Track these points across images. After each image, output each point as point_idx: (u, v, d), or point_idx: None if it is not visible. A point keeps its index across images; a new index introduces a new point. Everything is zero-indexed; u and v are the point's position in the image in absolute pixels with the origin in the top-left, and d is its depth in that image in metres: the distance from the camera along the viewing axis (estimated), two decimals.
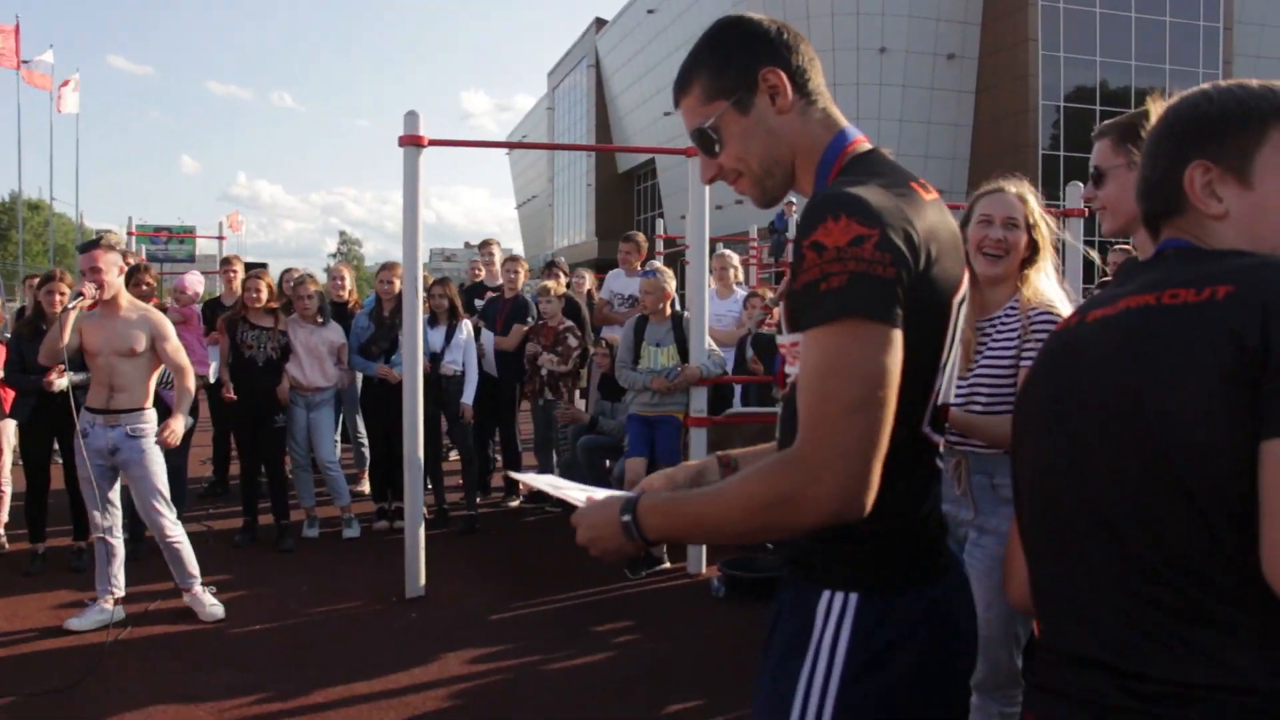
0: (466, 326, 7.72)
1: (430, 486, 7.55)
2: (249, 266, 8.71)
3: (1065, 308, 3.10)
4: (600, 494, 1.83)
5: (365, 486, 8.50)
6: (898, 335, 1.47)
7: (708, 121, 1.75)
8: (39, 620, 5.51)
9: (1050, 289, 3.15)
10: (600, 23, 54.58)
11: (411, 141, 5.91)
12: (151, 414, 5.54)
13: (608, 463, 7.59)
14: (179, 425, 5.54)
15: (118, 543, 5.58)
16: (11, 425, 7.02)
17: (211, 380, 7.46)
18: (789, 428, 1.72)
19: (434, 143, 6.08)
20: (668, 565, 6.60)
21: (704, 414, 6.49)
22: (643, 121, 48.23)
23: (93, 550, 5.68)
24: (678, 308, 7.08)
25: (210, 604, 5.67)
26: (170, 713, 4.40)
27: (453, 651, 5.12)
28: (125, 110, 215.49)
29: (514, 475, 2.22)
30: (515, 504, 8.47)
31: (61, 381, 5.95)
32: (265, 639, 5.36)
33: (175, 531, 5.61)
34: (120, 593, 5.55)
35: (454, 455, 8.91)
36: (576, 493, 1.89)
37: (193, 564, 5.69)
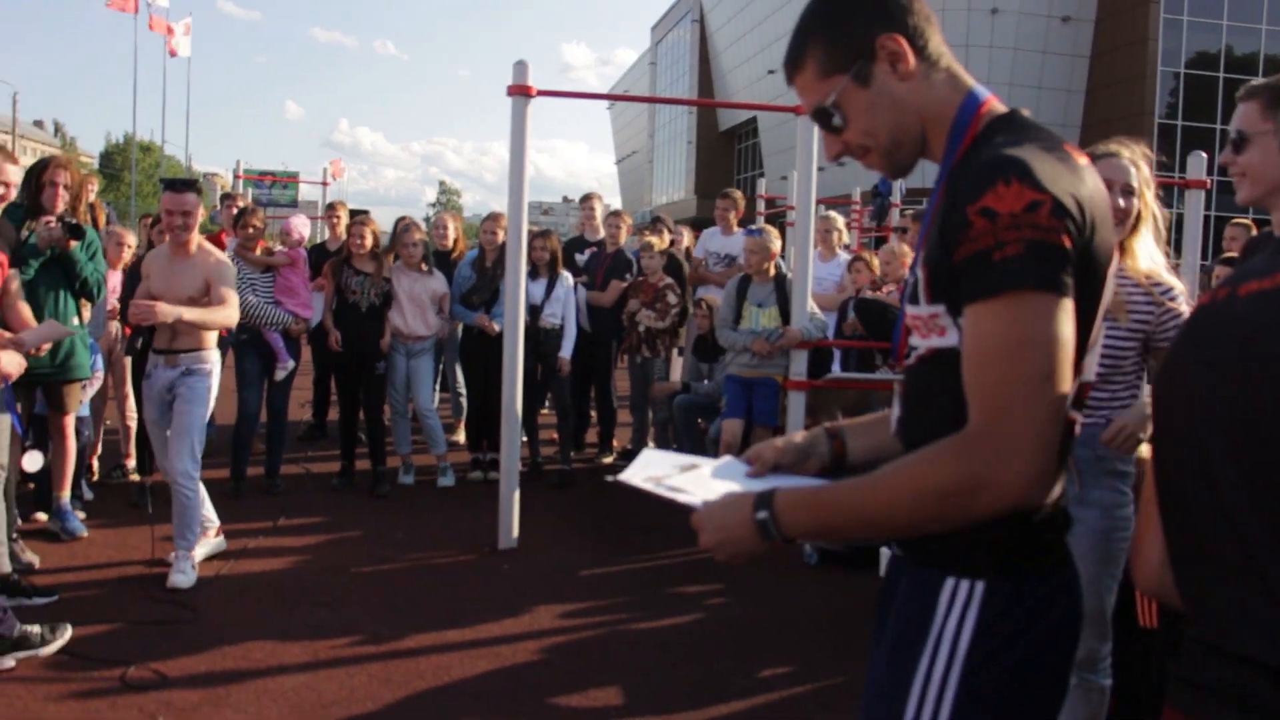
0: (567, 280, 7.70)
1: (526, 439, 7.58)
2: (353, 213, 8.80)
3: (1170, 279, 3.03)
4: (717, 489, 1.71)
5: (461, 436, 8.58)
6: (1071, 307, 1.40)
7: (827, 99, 1.64)
8: (143, 551, 5.63)
9: (1154, 259, 3.06)
10: None
11: (520, 91, 5.87)
12: (211, 354, 5.48)
13: (701, 422, 7.54)
14: (163, 308, 5.18)
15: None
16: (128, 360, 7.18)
17: (314, 324, 7.54)
18: (917, 402, 1.64)
19: (542, 93, 6.04)
20: None
21: (803, 377, 6.40)
22: (745, 79, 47.77)
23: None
24: (782, 269, 6.97)
25: (177, 572, 5.23)
26: (266, 649, 4.49)
27: (543, 605, 5.14)
28: (233, 55, 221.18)
29: (612, 479, 1.91)
30: (609, 460, 8.47)
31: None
32: (359, 582, 5.43)
33: (191, 482, 5.36)
34: (214, 525, 5.65)
35: (550, 409, 8.94)
36: (692, 491, 1.73)
37: (195, 525, 5.39)
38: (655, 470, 1.87)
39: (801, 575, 5.83)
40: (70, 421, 5.92)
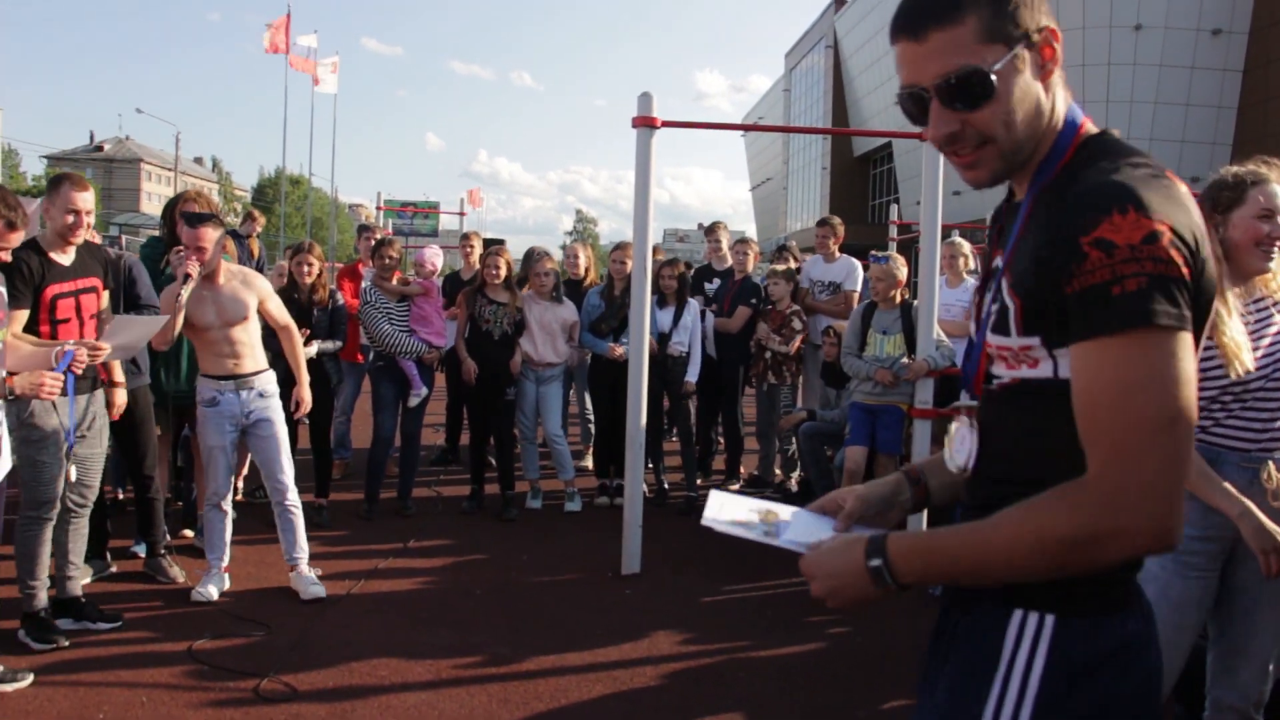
0: (694, 308, 7.74)
1: (651, 465, 7.63)
2: (487, 242, 9.01)
3: None
4: (821, 533, 1.70)
5: (589, 462, 8.67)
6: (1192, 342, 1.34)
7: (988, 63, 1.44)
8: (279, 568, 5.84)
9: None
10: (839, 3, 53.63)
11: (644, 123, 5.95)
12: (273, 374, 5.66)
13: (829, 450, 7.48)
14: (306, 394, 5.84)
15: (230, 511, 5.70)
16: None
17: (444, 352, 7.73)
18: (997, 433, 1.60)
19: (666, 124, 6.11)
20: None
21: (929, 405, 6.30)
22: (881, 104, 47.22)
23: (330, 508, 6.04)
24: (907, 296, 6.89)
25: (311, 584, 5.59)
26: (391, 666, 4.61)
27: (663, 630, 5.16)
28: (376, 89, 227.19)
29: (708, 522, 1.83)
30: (735, 488, 8.46)
31: (310, 350, 6.32)
32: (484, 604, 5.54)
33: (294, 498, 5.63)
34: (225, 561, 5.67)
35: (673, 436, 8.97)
36: (796, 534, 1.74)
37: (303, 538, 5.66)
38: (735, 513, 1.85)
39: (925, 606, 5.72)
40: None
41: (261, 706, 4.18)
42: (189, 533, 6.35)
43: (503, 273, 7.35)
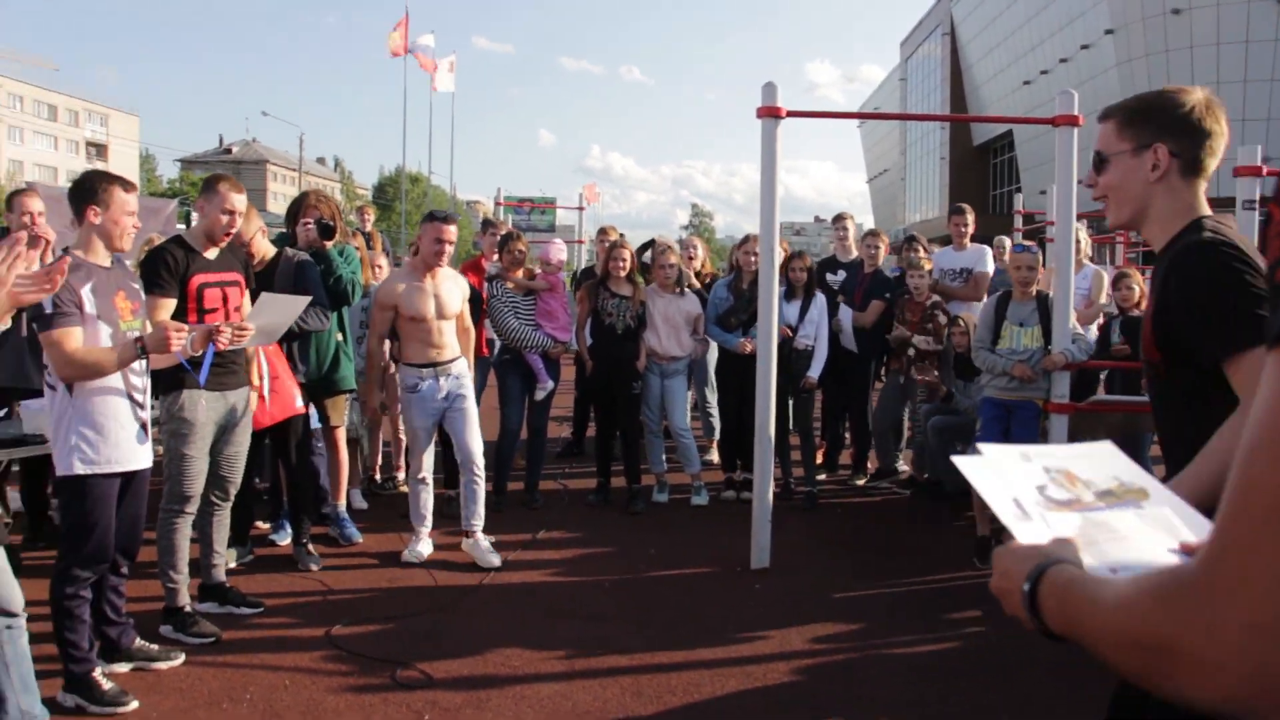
0: (821, 301, 7.64)
1: (778, 460, 7.57)
2: (600, 232, 9.04)
3: None
4: (1052, 525, 1.30)
5: (714, 455, 8.64)
6: None
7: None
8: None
9: None
10: None
11: (769, 113, 5.89)
12: (465, 361, 6.20)
13: (959, 446, 7.32)
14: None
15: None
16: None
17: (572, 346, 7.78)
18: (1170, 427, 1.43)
19: (791, 114, 6.04)
20: None
21: (1066, 399, 6.11)
22: (1000, 91, 46.20)
23: (459, 497, 6.17)
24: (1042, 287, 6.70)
25: (488, 552, 6.01)
26: (524, 657, 4.66)
27: (794, 626, 5.11)
28: (489, 88, 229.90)
29: (958, 460, 1.48)
30: (861, 482, 8.34)
31: None
32: (614, 596, 5.55)
33: (480, 470, 6.14)
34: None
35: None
36: (1030, 516, 1.32)
37: (482, 508, 6.15)
38: (1014, 477, 1.40)
39: None
40: (342, 434, 6.36)
41: (399, 693, 4.25)
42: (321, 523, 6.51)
43: (627, 266, 7.36)
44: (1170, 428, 2.36)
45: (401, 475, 7.68)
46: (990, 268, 8.18)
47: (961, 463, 1.47)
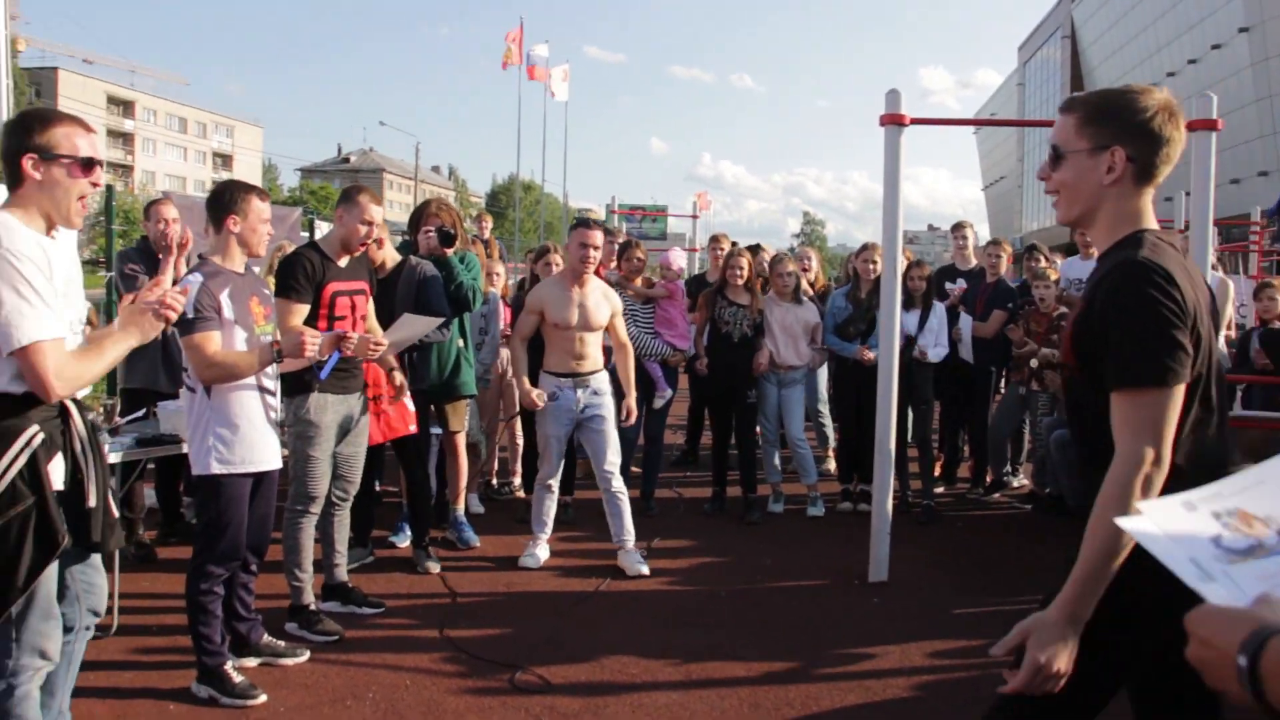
0: (940, 310, 7.50)
1: (897, 472, 7.45)
2: (712, 239, 9.02)
3: None
4: (1240, 582, 1.21)
5: (831, 466, 8.55)
6: None
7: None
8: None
9: None
10: None
11: (893, 120, 5.80)
12: (606, 375, 6.18)
13: None
14: (634, 402, 6.27)
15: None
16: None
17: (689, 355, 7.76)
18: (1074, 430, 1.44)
19: (915, 121, 5.95)
20: None
21: None
22: None
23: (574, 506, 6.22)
24: None
25: (637, 561, 6.03)
26: (640, 665, 4.65)
27: (914, 641, 5.00)
28: (601, 96, 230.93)
29: (1124, 523, 1.40)
30: (980, 495, 8.16)
31: None
32: (731, 606, 5.52)
33: (620, 484, 6.15)
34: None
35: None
36: (1214, 576, 1.23)
37: (629, 520, 6.13)
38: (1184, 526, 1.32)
39: None
40: (461, 439, 6.43)
41: (517, 697, 4.28)
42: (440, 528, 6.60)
43: (745, 274, 7.32)
44: (1075, 431, 2.38)
45: (517, 480, 7.76)
46: None
47: (1128, 525, 1.38)
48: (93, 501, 3.06)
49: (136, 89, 78.29)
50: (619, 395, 6.34)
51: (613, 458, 6.12)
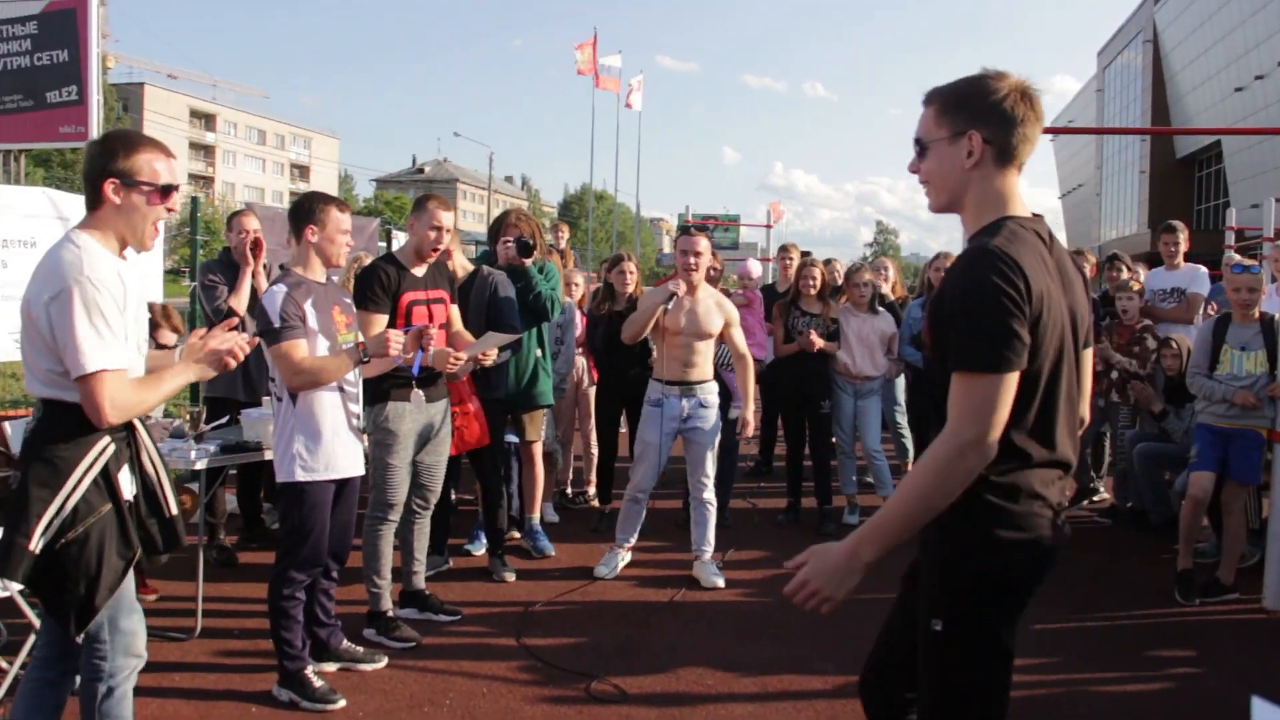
0: None
1: None
2: (787, 250, 8.97)
3: None
4: None
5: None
6: None
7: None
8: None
9: None
10: None
11: None
12: (715, 385, 6.09)
13: (1168, 475, 6.96)
14: (750, 415, 6.12)
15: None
16: (592, 391, 7.74)
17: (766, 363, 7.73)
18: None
19: None
20: (1237, 595, 5.89)
21: None
22: (1207, 100, 43.86)
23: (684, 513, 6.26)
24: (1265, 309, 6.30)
25: (713, 574, 6.02)
26: (716, 676, 4.64)
27: None
28: (673, 106, 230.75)
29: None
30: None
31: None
32: (806, 618, 5.43)
33: (710, 495, 6.15)
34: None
35: None
36: None
37: (712, 533, 6.14)
38: None
39: None
40: (538, 449, 6.46)
41: (593, 706, 4.29)
42: (516, 534, 6.63)
43: (818, 284, 7.27)
44: (937, 411, 2.38)
45: (592, 490, 7.78)
46: (1205, 288, 7.75)
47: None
48: (174, 509, 3.18)
49: (218, 102, 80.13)
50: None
51: (709, 469, 6.09)
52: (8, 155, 12.17)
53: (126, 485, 3.04)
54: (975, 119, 2.28)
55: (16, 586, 4.07)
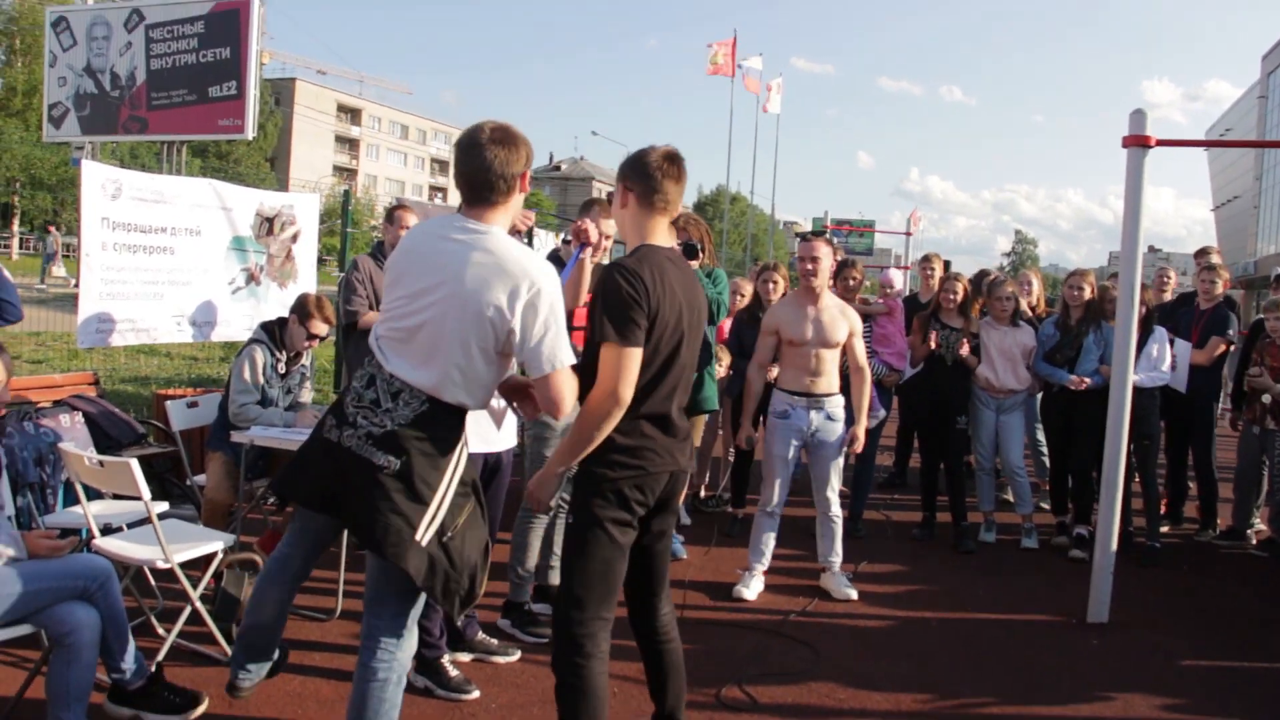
0: (1161, 335, 7.06)
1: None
2: (927, 261, 8.80)
3: None
4: None
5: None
6: None
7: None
8: (734, 577, 6.06)
9: None
10: None
11: (1137, 142, 5.54)
12: (842, 399, 5.91)
13: None
14: (862, 432, 5.93)
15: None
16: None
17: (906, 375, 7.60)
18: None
19: (1161, 143, 5.65)
20: None
21: None
22: None
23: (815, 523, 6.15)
24: None
25: (844, 584, 5.96)
26: (847, 692, 4.58)
27: (1138, 692, 4.74)
28: (808, 108, 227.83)
29: None
30: (1209, 537, 7.68)
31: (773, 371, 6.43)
32: (941, 637, 5.37)
33: (837, 510, 6.01)
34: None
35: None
36: None
37: (839, 545, 6.04)
38: None
39: None
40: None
41: (724, 713, 4.29)
42: None
43: (959, 297, 7.13)
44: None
45: (727, 495, 7.77)
46: None
47: None
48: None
49: (364, 97, 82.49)
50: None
51: (835, 483, 5.97)
52: (169, 147, 12.75)
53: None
54: (626, 175, 3.32)
55: (179, 559, 4.24)
